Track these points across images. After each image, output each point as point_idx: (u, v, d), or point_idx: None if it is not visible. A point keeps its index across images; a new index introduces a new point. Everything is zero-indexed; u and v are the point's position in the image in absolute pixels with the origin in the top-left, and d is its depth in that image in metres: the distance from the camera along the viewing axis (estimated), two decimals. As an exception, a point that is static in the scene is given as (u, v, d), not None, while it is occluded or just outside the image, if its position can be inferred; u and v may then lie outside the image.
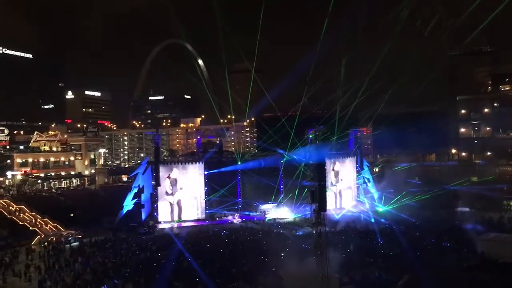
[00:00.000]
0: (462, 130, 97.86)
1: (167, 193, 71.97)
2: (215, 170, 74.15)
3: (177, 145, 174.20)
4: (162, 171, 72.02)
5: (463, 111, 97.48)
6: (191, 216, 72.67)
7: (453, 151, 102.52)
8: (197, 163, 75.00)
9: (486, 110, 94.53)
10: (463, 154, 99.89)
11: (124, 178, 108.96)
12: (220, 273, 41.16)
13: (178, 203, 72.40)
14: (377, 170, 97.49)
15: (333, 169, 78.96)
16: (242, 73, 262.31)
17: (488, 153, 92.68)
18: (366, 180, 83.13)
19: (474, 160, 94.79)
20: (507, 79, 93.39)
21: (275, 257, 43.18)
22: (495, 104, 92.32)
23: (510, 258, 41.83)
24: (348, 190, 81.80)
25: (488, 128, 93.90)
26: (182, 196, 72.64)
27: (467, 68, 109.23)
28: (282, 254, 45.28)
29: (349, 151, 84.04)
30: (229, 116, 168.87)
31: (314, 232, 36.60)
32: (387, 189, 79.30)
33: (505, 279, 37.96)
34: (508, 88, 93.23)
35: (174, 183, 72.26)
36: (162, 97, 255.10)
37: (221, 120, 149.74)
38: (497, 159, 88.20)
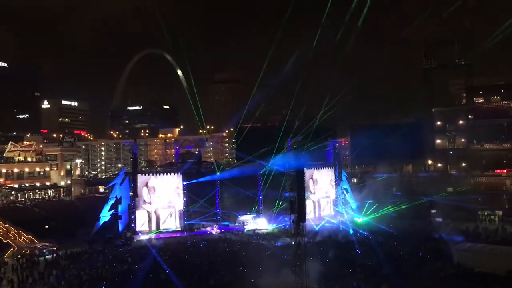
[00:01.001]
0: (438, 141, 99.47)
1: (144, 202, 71.13)
2: (194, 181, 73.66)
3: (156, 156, 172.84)
4: (140, 181, 71.27)
5: (438, 123, 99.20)
6: (169, 225, 71.91)
7: (429, 162, 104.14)
8: (176, 173, 74.43)
9: (461, 122, 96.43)
10: (439, 165, 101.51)
11: (101, 189, 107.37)
12: (198, 285, 40.73)
13: (156, 212, 71.64)
14: (355, 180, 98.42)
15: (311, 178, 79.33)
16: (222, 83, 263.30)
17: (463, 164, 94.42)
18: (345, 191, 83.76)
19: (450, 171, 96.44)
20: (481, 92, 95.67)
21: (254, 269, 42.93)
22: (470, 116, 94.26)
23: (485, 268, 42.54)
24: (327, 199, 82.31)
25: (463, 140, 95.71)
26: (160, 205, 71.93)
27: (442, 81, 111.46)
28: (261, 266, 45.05)
29: (328, 162, 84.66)
30: (208, 127, 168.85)
31: (293, 243, 36.56)
32: (365, 199, 80.00)
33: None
34: (482, 100, 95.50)
35: (152, 191, 71.53)
36: (140, 107, 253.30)
37: (200, 131, 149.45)
38: (471, 170, 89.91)
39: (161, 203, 72.12)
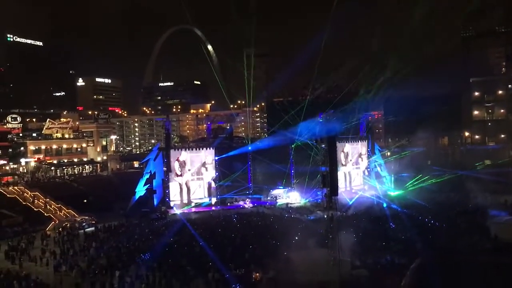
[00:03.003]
0: (476, 112, 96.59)
1: (176, 175, 72.71)
2: (225, 155, 74.33)
3: (188, 131, 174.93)
4: (172, 155, 72.58)
5: (476, 93, 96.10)
6: (198, 196, 73.66)
7: (466, 134, 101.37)
8: (208, 148, 75.29)
9: (500, 92, 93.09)
10: (476, 137, 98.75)
11: (136, 164, 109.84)
12: (232, 258, 41.38)
13: (187, 184, 73.33)
14: (388, 154, 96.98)
15: (342, 151, 78.76)
16: (254, 58, 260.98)
17: (502, 136, 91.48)
18: (378, 165, 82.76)
19: (488, 143, 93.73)
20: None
21: (286, 242, 43.24)
22: (510, 86, 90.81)
23: (524, 241, 41.47)
24: (357, 170, 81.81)
25: (502, 110, 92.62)
26: (190, 178, 73.43)
27: (481, 50, 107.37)
28: (294, 239, 45.33)
29: (360, 136, 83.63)
30: (238, 102, 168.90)
31: (325, 216, 36.49)
32: (399, 173, 78.88)
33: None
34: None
35: (183, 165, 73.01)
36: (172, 83, 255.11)
37: (231, 106, 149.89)
38: (511, 142, 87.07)
39: (191, 175, 73.63)
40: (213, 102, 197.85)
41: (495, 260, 38.20)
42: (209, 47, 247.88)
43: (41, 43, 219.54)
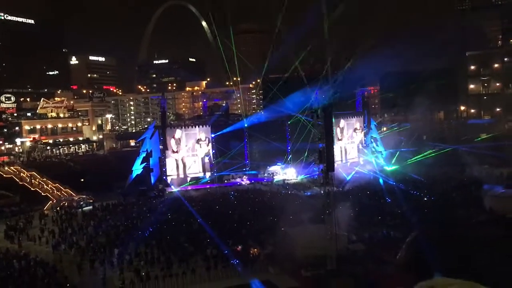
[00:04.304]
0: (471, 86, 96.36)
1: (172, 151, 73.03)
2: (221, 132, 74.23)
3: (183, 109, 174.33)
4: (168, 133, 72.49)
5: (472, 67, 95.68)
6: (193, 171, 73.87)
7: (462, 108, 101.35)
8: (204, 126, 75.11)
9: (496, 65, 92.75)
10: (472, 110, 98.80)
11: (132, 142, 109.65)
12: (230, 234, 41.72)
13: (182, 160, 73.61)
14: (384, 129, 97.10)
15: (338, 126, 78.81)
16: (247, 34, 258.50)
17: (498, 109, 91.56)
18: (373, 140, 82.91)
19: (483, 116, 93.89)
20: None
21: (284, 217, 43.56)
22: (506, 59, 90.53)
23: (518, 214, 41.89)
24: (352, 144, 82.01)
25: (497, 84, 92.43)
26: (186, 154, 73.73)
27: (477, 23, 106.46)
28: (291, 215, 45.63)
29: (356, 111, 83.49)
30: (235, 79, 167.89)
31: (322, 192, 36.64)
32: (395, 148, 79.12)
33: (513, 234, 38.09)
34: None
35: (178, 142, 73.15)
36: (166, 61, 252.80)
37: (227, 83, 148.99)
38: (506, 115, 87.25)
39: (186, 152, 73.86)
40: (208, 79, 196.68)
41: (490, 233, 38.66)
42: (204, 23, 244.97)
43: (32, 21, 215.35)
